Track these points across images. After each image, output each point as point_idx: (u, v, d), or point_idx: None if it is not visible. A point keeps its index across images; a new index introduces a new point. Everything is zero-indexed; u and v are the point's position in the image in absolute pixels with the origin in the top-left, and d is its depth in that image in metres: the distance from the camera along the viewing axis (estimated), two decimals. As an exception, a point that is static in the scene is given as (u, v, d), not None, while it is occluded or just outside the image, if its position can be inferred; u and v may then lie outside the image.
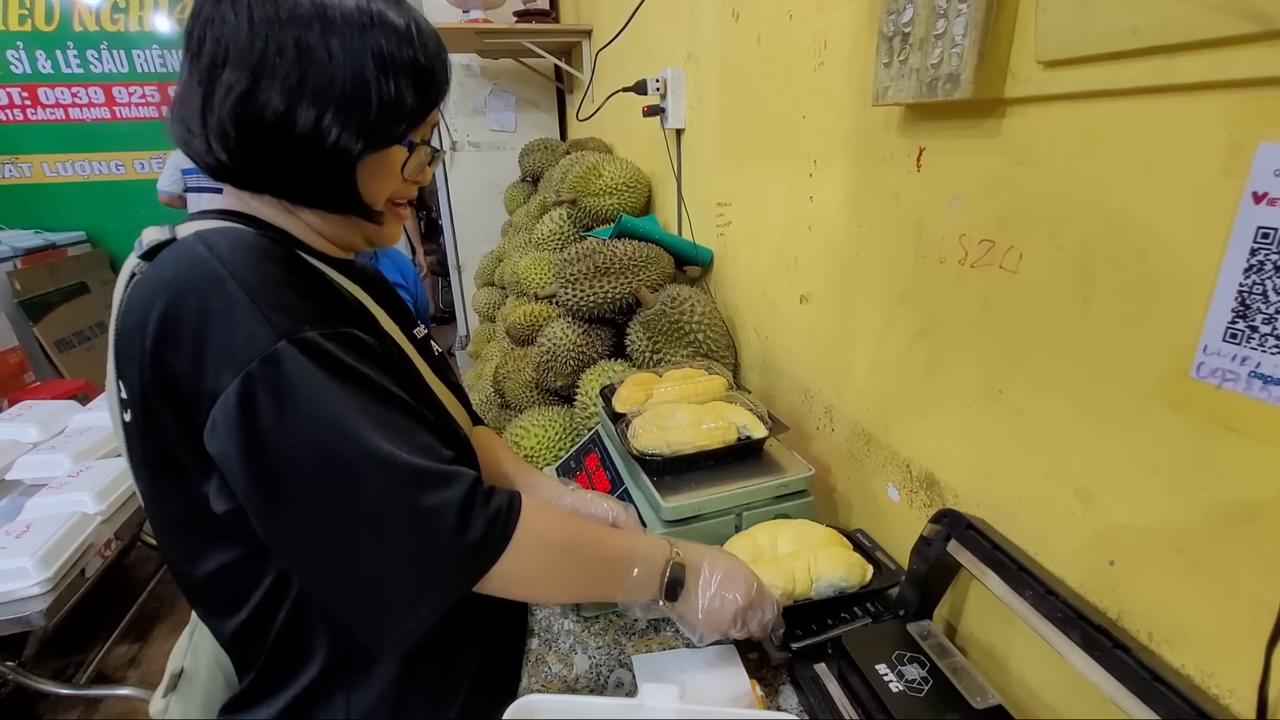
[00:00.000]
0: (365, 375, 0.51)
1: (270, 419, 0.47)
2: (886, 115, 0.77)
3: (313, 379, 0.47)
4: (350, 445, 0.47)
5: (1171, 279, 0.48)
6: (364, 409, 0.49)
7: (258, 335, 0.47)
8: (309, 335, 0.48)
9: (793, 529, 0.80)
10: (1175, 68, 0.45)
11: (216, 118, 0.52)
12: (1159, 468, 0.50)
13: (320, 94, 0.52)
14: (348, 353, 0.51)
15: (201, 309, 0.48)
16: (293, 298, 0.50)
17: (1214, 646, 0.48)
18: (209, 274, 0.49)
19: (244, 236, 0.54)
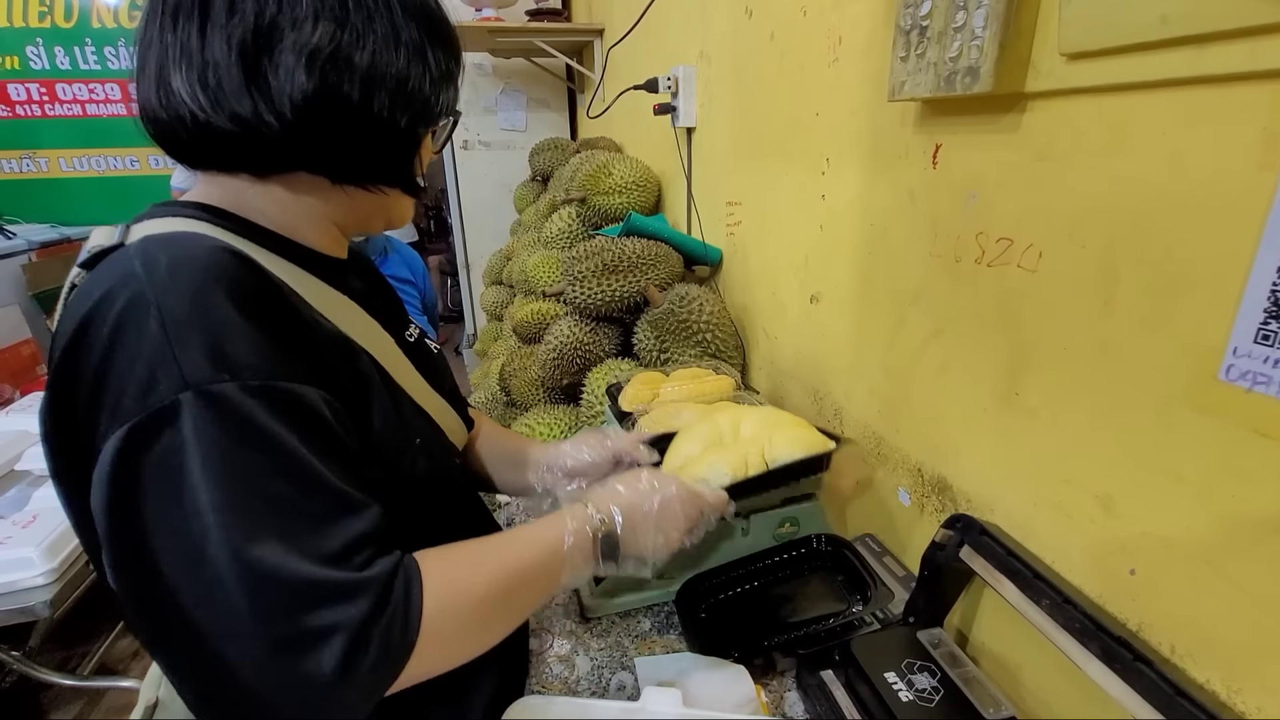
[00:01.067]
0: (283, 445, 0.41)
1: (148, 491, 0.38)
2: (902, 111, 0.75)
3: (208, 445, 0.39)
4: (228, 539, 0.38)
5: (1200, 278, 0.46)
6: (264, 493, 0.40)
7: (159, 380, 0.39)
8: (223, 388, 0.40)
9: (757, 414, 0.81)
10: (1207, 58, 0.43)
11: (276, 81, 0.46)
12: (1185, 474, 0.48)
13: (388, 75, 0.49)
14: (273, 413, 0.41)
15: (110, 341, 0.40)
16: (226, 335, 0.41)
17: (1241, 661, 0.46)
18: (130, 298, 0.41)
19: (194, 250, 0.44)
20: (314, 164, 0.51)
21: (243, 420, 0.40)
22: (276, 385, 0.42)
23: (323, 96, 0.46)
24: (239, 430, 0.40)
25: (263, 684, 0.39)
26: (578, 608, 0.84)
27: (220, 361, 0.40)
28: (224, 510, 0.38)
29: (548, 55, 2.37)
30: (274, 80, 0.46)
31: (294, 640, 0.39)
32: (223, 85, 0.45)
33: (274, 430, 0.41)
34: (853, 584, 0.79)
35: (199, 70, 0.45)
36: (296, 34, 0.45)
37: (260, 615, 0.38)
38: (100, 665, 1.80)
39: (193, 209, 0.50)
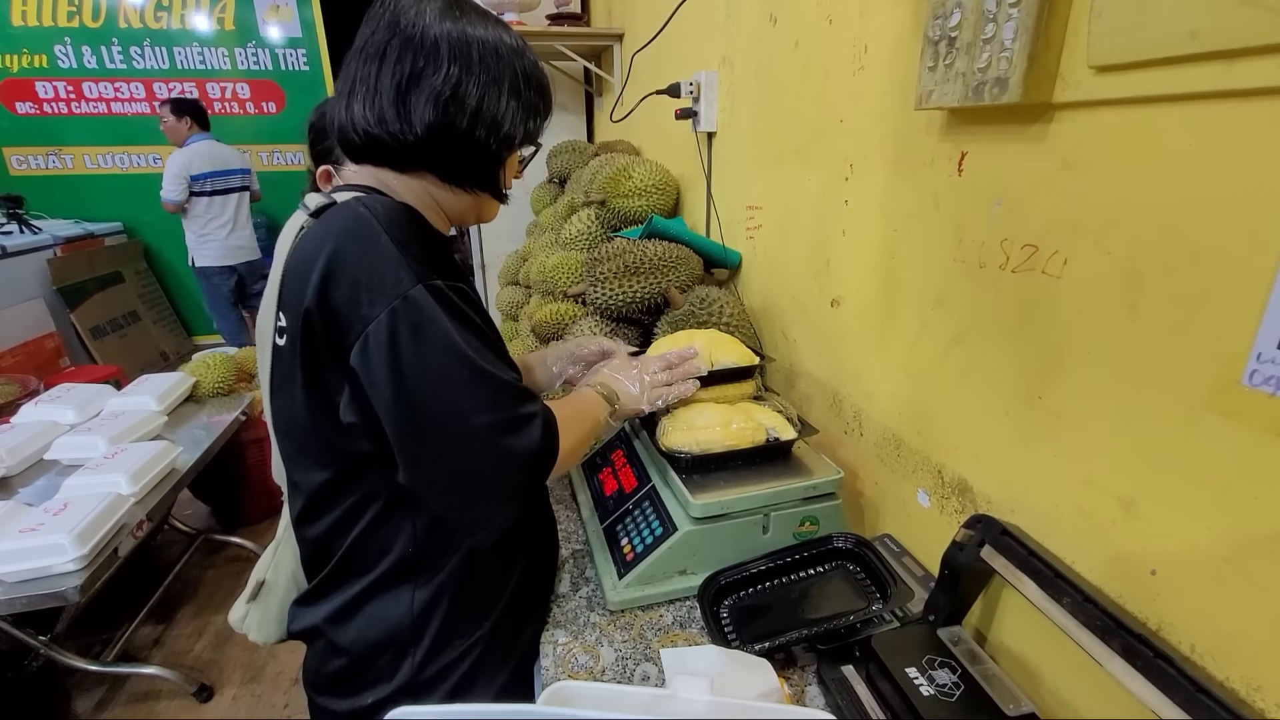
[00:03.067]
0: (472, 319, 0.64)
1: (408, 343, 0.59)
2: (928, 120, 0.77)
3: (438, 316, 0.60)
4: (465, 365, 0.61)
5: (1225, 285, 0.47)
6: (471, 343, 0.62)
7: (403, 278, 0.60)
8: (438, 283, 0.61)
9: (705, 334, 1.03)
10: (1235, 73, 0.44)
11: (415, 110, 0.66)
12: (1207, 477, 0.50)
13: (496, 101, 0.69)
14: (463, 300, 0.64)
15: (362, 254, 0.61)
16: (426, 254, 0.63)
17: (1261, 659, 0.47)
18: (369, 228, 0.62)
19: (393, 203, 0.67)
20: (434, 168, 0.71)
21: (449, 301, 0.62)
22: (458, 285, 0.65)
23: (441, 124, 0.67)
24: (449, 307, 0.62)
25: (492, 460, 0.62)
26: (601, 601, 0.86)
27: (429, 267, 0.62)
28: (458, 346, 0.60)
29: (567, 59, 2.40)
30: (414, 109, 0.66)
31: (512, 423, 0.63)
32: (384, 109, 0.66)
33: (465, 309, 0.64)
34: (873, 582, 0.80)
35: (372, 97, 0.67)
36: (433, 79, 0.66)
37: (493, 404, 0.62)
38: (123, 652, 1.84)
39: (363, 189, 0.70)
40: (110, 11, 4.07)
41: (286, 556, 0.79)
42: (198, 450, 1.83)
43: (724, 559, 0.85)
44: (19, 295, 3.32)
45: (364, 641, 0.74)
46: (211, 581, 2.37)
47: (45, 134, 4.18)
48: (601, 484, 1.05)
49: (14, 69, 4.03)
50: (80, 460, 1.66)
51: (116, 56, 4.15)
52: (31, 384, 2.40)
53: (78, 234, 3.88)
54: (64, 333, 3.55)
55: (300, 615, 0.78)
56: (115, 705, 1.84)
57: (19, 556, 1.30)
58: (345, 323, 0.60)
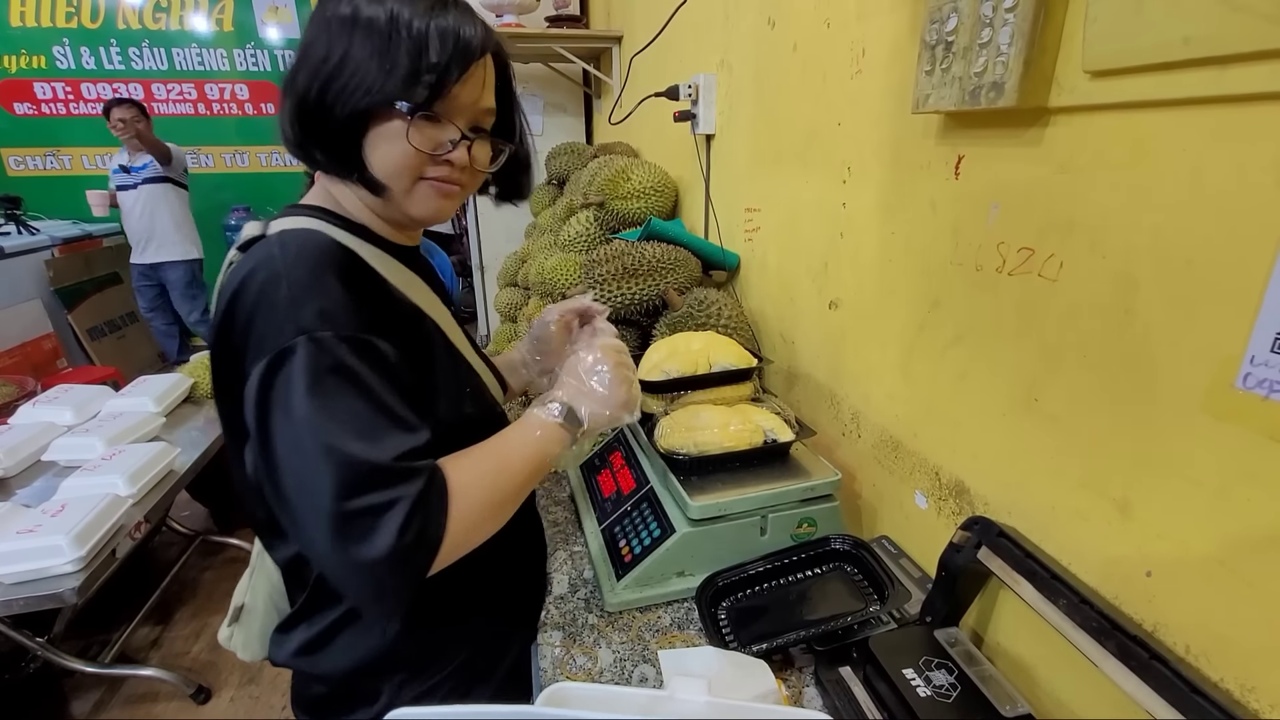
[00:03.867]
0: (361, 377, 0.56)
1: (276, 401, 0.54)
2: (925, 123, 0.77)
3: (312, 373, 0.53)
4: (314, 437, 0.52)
5: (1218, 289, 0.48)
6: (337, 410, 0.54)
7: (285, 330, 0.54)
8: (323, 335, 0.55)
9: (703, 336, 1.04)
10: (1228, 79, 0.45)
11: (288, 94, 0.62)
12: (1202, 479, 0.50)
13: (315, 63, 0.59)
14: (356, 355, 0.56)
15: (256, 300, 0.57)
16: (327, 301, 0.57)
17: (1256, 660, 0.47)
18: (270, 273, 0.57)
19: (313, 240, 0.61)
20: (316, 164, 0.65)
21: (336, 358, 0.55)
22: (359, 336, 0.57)
23: (296, 99, 0.60)
24: (333, 365, 0.55)
25: (336, 561, 0.52)
26: (599, 603, 0.86)
27: (324, 318, 0.55)
28: (319, 416, 0.53)
29: (565, 61, 2.40)
30: (289, 94, 0.61)
31: (357, 517, 0.52)
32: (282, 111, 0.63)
33: (356, 366, 0.56)
34: (870, 583, 0.80)
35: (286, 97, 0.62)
36: (302, 54, 0.61)
37: (338, 491, 0.51)
38: (120, 654, 1.84)
39: (310, 210, 0.67)
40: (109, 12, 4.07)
41: (261, 581, 0.76)
42: (196, 451, 1.83)
43: (722, 560, 0.85)
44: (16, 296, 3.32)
45: (340, 671, 0.72)
46: (209, 583, 2.37)
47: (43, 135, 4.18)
48: (600, 485, 1.05)
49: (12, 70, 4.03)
50: (78, 461, 1.66)
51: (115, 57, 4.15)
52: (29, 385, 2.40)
53: (75, 235, 3.88)
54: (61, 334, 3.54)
55: (278, 644, 0.75)
56: (113, 707, 1.84)
57: (16, 558, 1.30)
58: (240, 371, 0.57)
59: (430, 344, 0.69)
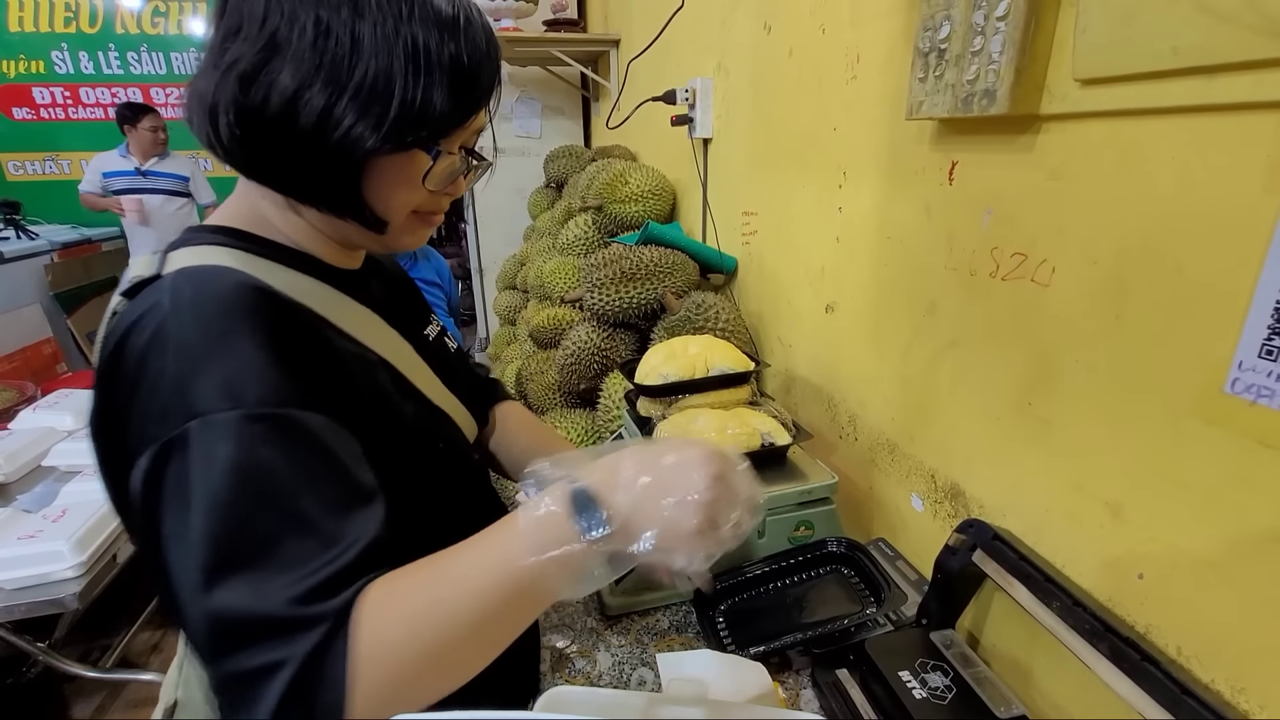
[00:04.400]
0: (274, 473, 0.42)
1: (163, 509, 0.42)
2: (919, 129, 0.78)
3: (207, 474, 0.41)
4: (197, 568, 0.40)
5: (1207, 295, 0.48)
6: (244, 524, 0.41)
7: (172, 413, 0.42)
8: (226, 416, 0.42)
9: (701, 339, 1.03)
10: (1215, 88, 0.45)
11: (219, 95, 0.46)
12: (1192, 482, 0.50)
13: (334, 80, 0.46)
14: (271, 439, 0.43)
15: (135, 373, 0.44)
16: (235, 367, 0.44)
17: (1246, 662, 0.48)
18: (156, 334, 0.45)
19: (213, 287, 0.47)
20: (268, 180, 0.51)
21: (241, 448, 0.42)
22: (277, 413, 0.44)
23: (245, 105, 0.46)
24: (236, 458, 0.41)
25: (223, 698, 0.42)
26: (598, 606, 0.86)
27: (227, 392, 0.43)
28: (206, 541, 0.40)
29: (563, 64, 2.41)
30: (214, 94, 0.46)
31: (240, 678, 0.39)
32: (194, 94, 0.48)
33: (267, 460, 0.42)
34: (866, 586, 0.81)
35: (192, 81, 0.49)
36: (239, 41, 0.46)
37: (213, 645, 0.40)
38: (121, 659, 1.84)
39: (222, 234, 0.53)
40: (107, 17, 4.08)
41: (194, 670, 0.60)
42: (196, 456, 1.83)
43: (719, 564, 0.86)
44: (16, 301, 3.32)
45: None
46: (209, 587, 2.36)
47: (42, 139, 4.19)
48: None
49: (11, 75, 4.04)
50: (78, 466, 1.66)
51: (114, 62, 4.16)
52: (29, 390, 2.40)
53: (75, 239, 3.89)
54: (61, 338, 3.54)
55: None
56: (114, 711, 1.84)
57: (17, 563, 1.31)
58: (119, 453, 0.45)
59: (383, 397, 0.56)
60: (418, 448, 0.59)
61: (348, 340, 0.55)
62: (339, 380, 0.51)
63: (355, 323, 0.57)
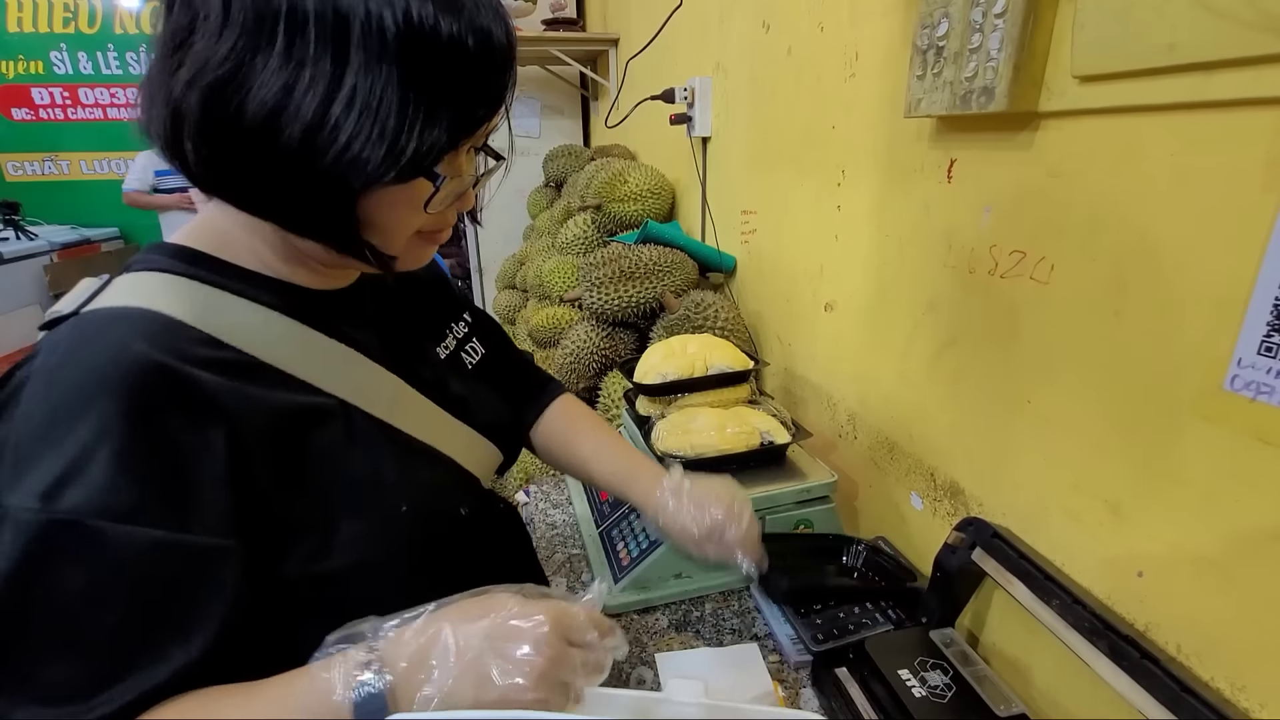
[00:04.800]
0: (61, 589, 0.37)
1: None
2: (918, 127, 0.77)
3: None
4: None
5: (1206, 292, 0.48)
6: (22, 639, 0.37)
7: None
8: (24, 516, 0.37)
9: (699, 338, 1.04)
10: (1213, 85, 0.45)
11: (181, 103, 0.39)
12: (1191, 480, 0.50)
13: (325, 94, 0.38)
14: (71, 551, 0.38)
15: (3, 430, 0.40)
16: (61, 462, 0.38)
17: (1246, 659, 0.48)
18: (16, 391, 0.41)
19: (94, 353, 0.40)
20: (241, 202, 0.44)
21: (32, 554, 0.37)
22: (85, 523, 0.37)
23: (216, 122, 0.39)
24: (21, 562, 0.36)
25: None
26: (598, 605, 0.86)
27: (42, 487, 0.37)
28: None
29: (562, 63, 2.41)
30: (172, 98, 0.39)
31: None
32: (149, 97, 0.41)
33: (60, 569, 0.37)
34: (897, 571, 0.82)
35: (145, 80, 0.42)
36: (200, 41, 0.38)
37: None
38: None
39: (180, 258, 0.47)
40: (106, 17, 4.08)
41: None
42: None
43: (718, 563, 0.85)
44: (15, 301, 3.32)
45: None
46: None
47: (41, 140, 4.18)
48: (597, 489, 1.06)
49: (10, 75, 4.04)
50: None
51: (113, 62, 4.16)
52: (28, 390, 2.40)
53: (74, 240, 3.89)
54: (61, 339, 3.54)
55: None
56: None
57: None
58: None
59: (324, 457, 0.48)
60: (370, 512, 0.49)
61: (295, 388, 0.47)
62: (238, 464, 0.43)
63: (316, 363, 0.49)
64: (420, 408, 0.56)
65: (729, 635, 0.81)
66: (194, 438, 0.41)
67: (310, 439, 0.47)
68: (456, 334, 0.67)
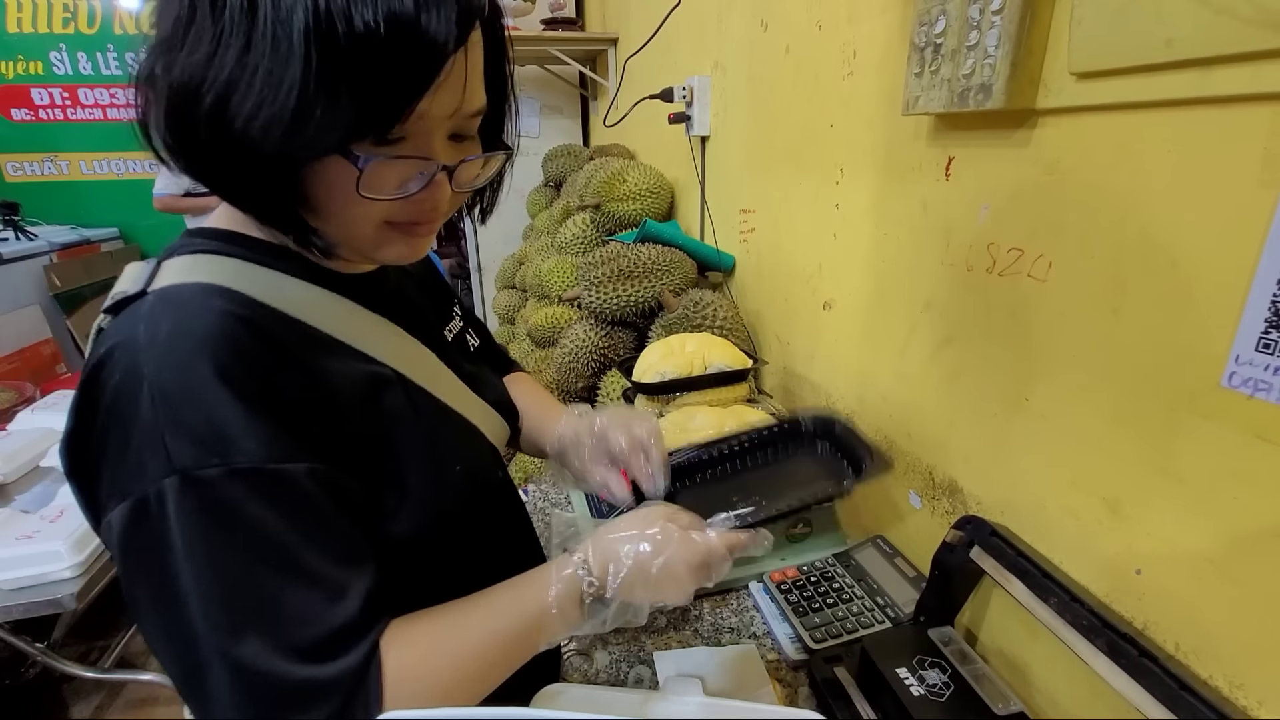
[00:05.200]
0: (266, 531, 0.41)
1: (140, 568, 0.40)
2: (916, 125, 0.77)
3: (193, 534, 0.39)
4: (203, 634, 0.39)
5: (1204, 289, 0.48)
6: (245, 582, 0.40)
7: (148, 466, 0.39)
8: (208, 473, 0.39)
9: (697, 337, 1.07)
10: (1211, 80, 0.45)
11: (152, 85, 0.42)
12: (1189, 477, 0.50)
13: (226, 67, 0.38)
14: (259, 496, 0.40)
15: (107, 417, 0.41)
16: (216, 417, 0.40)
17: (1244, 657, 0.48)
18: (127, 374, 0.40)
19: (197, 320, 0.42)
20: (217, 190, 0.45)
21: (227, 506, 0.40)
22: (264, 468, 0.41)
23: (174, 109, 0.41)
24: (223, 516, 0.39)
25: None
26: (595, 604, 0.86)
27: (208, 445, 0.39)
28: (208, 600, 0.39)
29: (561, 63, 2.41)
30: (152, 91, 0.41)
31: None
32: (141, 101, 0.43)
33: (258, 516, 0.40)
34: (845, 457, 0.78)
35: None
36: (163, 29, 0.41)
37: (244, 710, 0.39)
38: (120, 659, 1.84)
39: (222, 239, 0.48)
40: (105, 17, 4.07)
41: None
42: (194, 456, 1.83)
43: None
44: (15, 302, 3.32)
45: None
46: (209, 587, 2.36)
47: (41, 140, 4.17)
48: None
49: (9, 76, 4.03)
50: (77, 467, 1.66)
51: (112, 62, 4.15)
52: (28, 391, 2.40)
53: (74, 240, 3.88)
54: (60, 339, 3.54)
55: None
56: (112, 711, 1.84)
57: (15, 564, 1.31)
58: (96, 493, 0.42)
59: (394, 425, 0.51)
60: (432, 473, 0.53)
61: (357, 358, 0.50)
62: (336, 417, 0.46)
63: (368, 335, 0.52)
64: (450, 381, 0.60)
65: (727, 634, 0.81)
66: (309, 392, 0.45)
67: (383, 404, 0.51)
68: (458, 319, 0.72)
